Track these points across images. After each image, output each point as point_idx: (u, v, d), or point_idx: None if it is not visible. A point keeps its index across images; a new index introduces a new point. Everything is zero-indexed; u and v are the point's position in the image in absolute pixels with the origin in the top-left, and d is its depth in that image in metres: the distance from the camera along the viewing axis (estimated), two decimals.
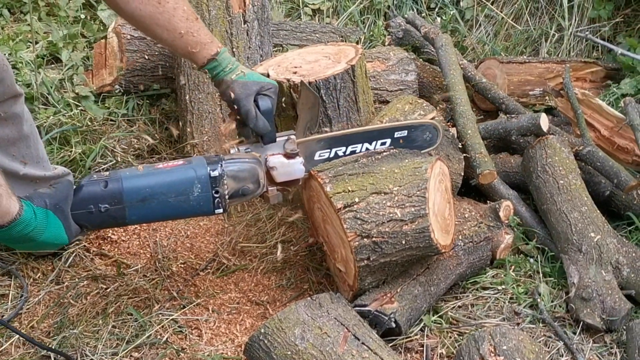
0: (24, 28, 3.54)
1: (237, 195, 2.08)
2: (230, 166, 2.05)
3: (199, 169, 1.99)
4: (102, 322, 2.31)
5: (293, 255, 2.58)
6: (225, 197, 2.03)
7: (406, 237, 2.15)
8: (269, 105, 2.13)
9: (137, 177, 1.97)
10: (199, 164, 2.01)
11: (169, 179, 1.97)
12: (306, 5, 4.15)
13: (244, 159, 2.10)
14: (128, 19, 2.14)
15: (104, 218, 1.92)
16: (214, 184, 2.00)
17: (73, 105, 3.12)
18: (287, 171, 2.19)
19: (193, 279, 2.51)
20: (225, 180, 2.02)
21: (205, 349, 2.23)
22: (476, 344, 2.00)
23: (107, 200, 1.91)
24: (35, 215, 1.79)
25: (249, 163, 2.09)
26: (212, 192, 2.00)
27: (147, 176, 1.97)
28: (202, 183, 1.99)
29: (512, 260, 2.56)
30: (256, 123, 2.12)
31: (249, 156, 2.13)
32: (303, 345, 1.93)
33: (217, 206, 2.02)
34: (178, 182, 1.97)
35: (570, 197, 2.55)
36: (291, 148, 2.19)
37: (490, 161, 2.63)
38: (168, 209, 1.98)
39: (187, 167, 2.01)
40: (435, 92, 3.30)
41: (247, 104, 2.11)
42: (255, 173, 2.10)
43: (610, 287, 2.32)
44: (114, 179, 1.94)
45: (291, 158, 2.19)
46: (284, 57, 2.76)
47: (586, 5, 3.80)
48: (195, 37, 2.10)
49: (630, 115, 2.78)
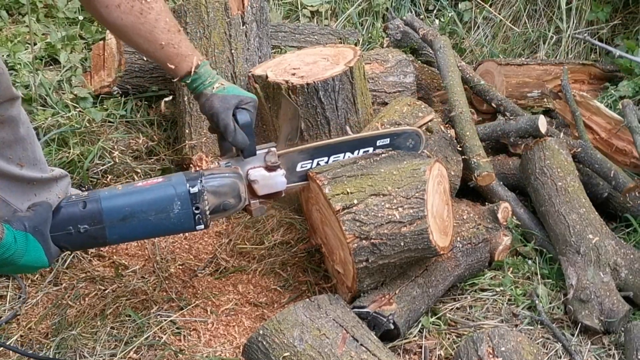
0: (22, 29, 3.54)
1: (218, 211, 2.05)
2: (210, 182, 2.02)
3: (178, 186, 1.98)
4: (101, 323, 2.31)
5: (291, 257, 2.58)
6: (206, 213, 2.00)
7: (405, 238, 2.15)
8: (248, 119, 2.11)
9: (116, 196, 1.95)
10: (178, 181, 1.99)
11: (148, 197, 1.96)
12: (305, 7, 4.15)
13: (224, 174, 2.08)
14: (110, 29, 2.13)
15: (84, 239, 1.91)
16: (194, 201, 1.98)
17: (71, 106, 3.12)
18: (269, 184, 2.17)
19: (191, 281, 2.50)
20: (205, 196, 2.00)
21: (203, 351, 2.23)
22: (474, 345, 2.00)
23: (86, 220, 1.90)
24: (15, 239, 1.77)
25: (229, 177, 2.07)
26: (193, 209, 1.98)
27: (126, 195, 1.96)
28: (181, 200, 1.97)
29: (511, 262, 2.56)
30: (235, 137, 2.09)
31: (229, 170, 2.11)
32: (302, 347, 1.93)
33: (198, 222, 2.00)
34: (158, 200, 1.96)
35: (569, 199, 2.55)
36: (272, 160, 2.16)
37: (488, 163, 2.63)
38: (149, 227, 1.96)
39: (166, 184, 1.99)
40: (434, 94, 3.31)
41: (225, 117, 2.09)
42: (235, 187, 2.08)
43: (608, 288, 2.33)
44: (93, 199, 1.92)
45: (272, 170, 2.17)
46: (283, 59, 2.76)
47: (584, 8, 3.81)
48: (176, 49, 2.09)
49: (628, 118, 2.78)
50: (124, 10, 2.01)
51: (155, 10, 2.04)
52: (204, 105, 2.13)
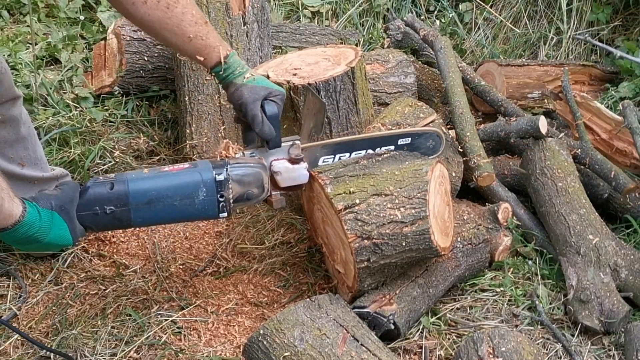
0: (23, 29, 3.54)
1: (241, 200, 2.07)
2: (236, 170, 2.04)
3: (205, 173, 1.99)
4: (101, 322, 2.31)
5: (292, 256, 2.58)
6: (230, 201, 2.02)
7: (406, 238, 2.16)
8: (276, 111, 2.14)
9: (143, 179, 1.96)
10: (205, 168, 2.01)
11: (175, 181, 1.97)
12: (305, 7, 4.15)
13: (249, 164, 2.10)
14: (138, 24, 2.14)
15: (109, 220, 1.92)
16: (219, 188, 2.00)
17: (72, 106, 3.12)
18: (292, 176, 2.19)
19: (192, 280, 2.51)
20: (230, 185, 2.01)
21: (204, 350, 2.23)
22: (475, 345, 2.00)
23: (112, 202, 1.91)
24: (40, 217, 1.79)
25: (253, 167, 2.09)
26: (217, 196, 2.00)
27: (153, 179, 1.97)
28: (207, 187, 1.98)
29: (511, 263, 2.56)
30: (262, 128, 2.11)
31: (254, 161, 2.13)
32: (302, 347, 1.93)
33: (222, 210, 2.02)
34: (184, 185, 1.97)
35: (569, 199, 2.55)
36: (296, 153, 2.19)
37: (488, 163, 2.63)
38: (173, 212, 1.98)
39: (193, 170, 2.01)
40: (435, 94, 3.31)
41: (254, 108, 2.11)
42: (259, 177, 2.09)
43: (608, 289, 2.33)
44: (120, 180, 1.93)
45: (296, 163, 2.19)
46: (284, 59, 2.77)
47: (585, 9, 3.81)
48: (204, 41, 2.11)
49: (629, 119, 2.78)
50: (150, 6, 2.03)
51: (181, 4, 2.05)
52: (233, 94, 2.15)
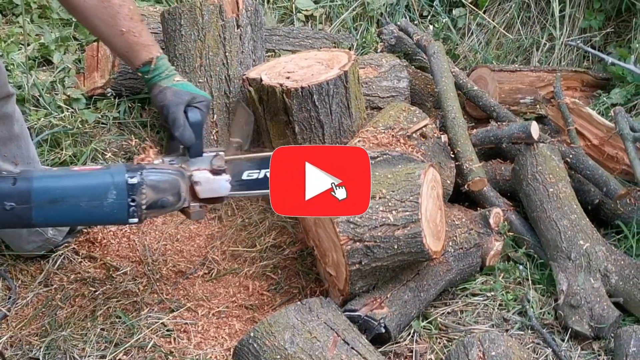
0: (16, 30, 3.53)
1: (155, 207, 1.98)
2: (151, 176, 1.95)
3: (117, 175, 1.90)
4: (91, 324, 2.30)
5: (283, 259, 2.58)
6: (142, 207, 1.93)
7: (398, 241, 2.16)
8: (199, 118, 2.07)
9: (49, 177, 1.89)
10: (118, 171, 1.92)
11: (83, 182, 1.89)
12: (299, 11, 4.16)
13: (167, 170, 2.01)
14: (70, 8, 2.06)
15: (8, 217, 1.83)
16: (130, 192, 1.91)
17: (64, 107, 3.11)
18: (212, 187, 2.10)
19: (182, 283, 2.50)
20: (144, 190, 1.92)
21: (193, 353, 2.22)
22: (465, 349, 2.00)
23: (14, 198, 1.81)
24: None
25: (171, 175, 2.01)
26: (128, 200, 1.91)
27: (60, 177, 1.90)
28: (118, 190, 1.90)
29: (502, 267, 2.56)
30: (182, 132, 2.04)
31: (173, 168, 2.04)
32: (292, 350, 1.93)
33: (132, 215, 1.93)
34: (93, 186, 1.89)
35: (560, 204, 2.56)
36: (218, 164, 2.10)
37: (480, 168, 2.64)
38: (79, 213, 1.89)
39: (105, 172, 1.93)
40: (427, 99, 3.31)
41: (176, 111, 2.04)
42: (176, 185, 2.01)
43: (598, 294, 2.33)
44: (25, 177, 1.85)
45: (217, 174, 2.09)
46: (277, 62, 2.77)
47: (577, 15, 3.83)
48: (137, 38, 2.06)
49: (620, 125, 2.79)
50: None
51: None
52: (157, 97, 2.08)
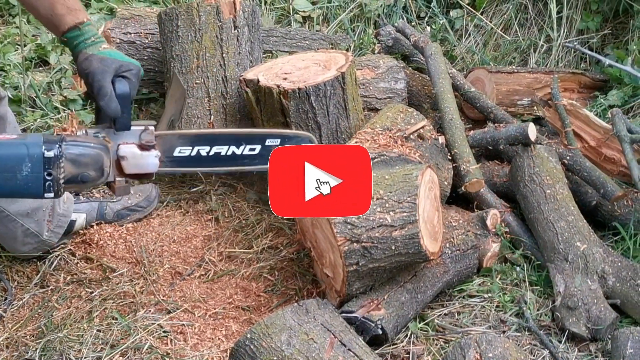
0: (12, 31, 3.53)
1: (75, 181, 1.86)
2: (71, 149, 1.83)
3: (32, 147, 1.77)
4: (87, 326, 2.29)
5: (280, 261, 2.57)
6: (60, 182, 1.83)
7: (396, 242, 2.15)
8: (127, 89, 1.96)
9: None
10: (34, 142, 1.79)
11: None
12: (296, 12, 4.16)
13: (89, 143, 1.88)
14: None
15: None
16: (47, 165, 1.79)
17: (60, 108, 3.10)
18: (139, 163, 1.98)
19: (179, 284, 2.49)
20: (62, 163, 1.80)
21: (190, 354, 2.22)
22: (462, 351, 2.00)
23: None
24: None
25: (93, 148, 1.87)
26: (44, 174, 1.80)
27: None
28: (33, 162, 1.78)
29: (499, 269, 2.56)
30: (108, 103, 1.92)
31: (96, 141, 1.91)
32: (289, 351, 1.92)
33: (48, 190, 1.81)
34: (5, 157, 1.77)
35: (557, 206, 2.56)
36: (147, 139, 1.97)
37: (477, 170, 2.64)
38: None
39: (19, 142, 1.80)
40: (425, 100, 3.31)
41: (101, 79, 1.93)
42: (99, 160, 1.88)
43: (595, 296, 2.33)
44: None
45: (145, 150, 1.97)
46: (274, 63, 2.77)
47: (575, 17, 3.83)
48: (63, 2, 1.97)
49: (617, 126, 2.79)
50: None
51: None
52: (81, 64, 1.97)
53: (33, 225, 2.46)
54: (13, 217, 2.42)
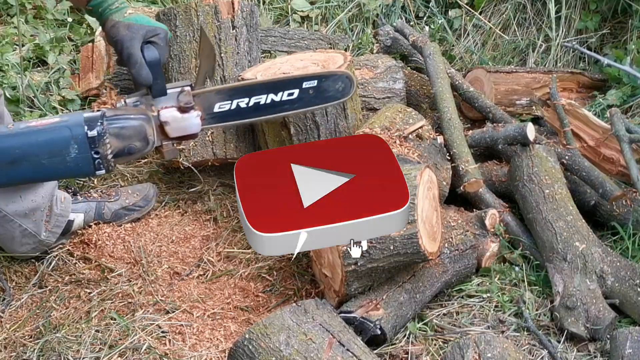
0: (10, 30, 3.52)
1: (122, 154, 1.88)
2: (113, 123, 1.84)
3: (75, 128, 1.78)
4: (85, 326, 2.29)
5: (278, 261, 2.57)
6: (108, 158, 1.83)
7: (394, 242, 2.15)
8: (156, 55, 1.94)
9: (5, 136, 1.78)
10: (75, 122, 1.80)
11: (41, 138, 1.77)
12: (295, 12, 4.15)
13: (130, 115, 1.89)
14: None
15: None
16: (92, 145, 1.80)
17: (59, 108, 3.10)
18: (181, 126, 1.98)
19: (177, 284, 2.49)
20: (107, 140, 1.81)
21: (188, 355, 2.21)
22: (461, 351, 1.99)
23: None
24: None
25: (135, 119, 1.89)
26: (92, 153, 1.81)
27: (17, 136, 1.78)
28: (79, 143, 1.79)
29: (498, 269, 2.56)
30: (138, 71, 1.91)
31: (137, 111, 1.92)
32: (288, 351, 1.92)
33: (99, 167, 1.83)
34: (51, 142, 1.77)
35: (556, 206, 2.56)
36: (185, 101, 1.97)
37: (476, 170, 2.63)
38: (42, 171, 1.80)
39: (62, 125, 1.80)
40: (423, 100, 3.31)
41: (130, 46, 1.91)
42: (142, 130, 1.89)
43: (594, 296, 2.33)
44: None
45: (185, 112, 1.97)
46: (273, 63, 2.76)
47: (573, 17, 3.83)
48: None
49: (616, 126, 2.79)
50: None
51: None
52: (109, 32, 1.95)
53: (31, 225, 2.46)
54: (11, 218, 2.41)
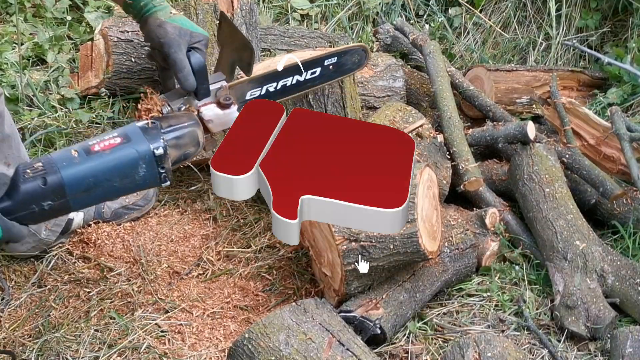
0: (9, 29, 3.51)
1: (179, 161, 1.91)
2: (171, 135, 1.86)
3: (140, 146, 1.80)
4: (84, 325, 2.28)
5: (278, 260, 2.57)
6: (170, 169, 1.87)
7: (394, 242, 2.15)
8: (202, 61, 1.95)
9: (75, 165, 1.77)
10: (138, 140, 1.81)
11: (111, 163, 1.79)
12: (295, 10, 4.15)
13: (182, 123, 1.90)
14: None
15: (48, 214, 1.77)
16: (159, 162, 1.83)
17: (58, 107, 3.09)
18: (223, 122, 2.01)
19: (177, 284, 2.49)
20: (168, 153, 1.84)
21: (188, 354, 2.21)
22: (461, 350, 1.99)
23: (49, 197, 1.74)
24: None
25: (188, 127, 1.90)
26: (159, 169, 1.84)
27: (86, 163, 1.78)
28: (147, 163, 1.82)
29: (498, 268, 2.55)
30: (186, 77, 1.92)
31: (186, 116, 1.93)
32: (287, 351, 1.92)
33: (164, 180, 1.86)
34: (121, 166, 1.79)
35: (556, 205, 2.55)
36: (224, 96, 2.00)
37: (476, 168, 2.63)
38: (114, 192, 1.83)
39: (127, 146, 1.81)
40: (423, 99, 3.31)
41: (177, 51, 1.91)
42: (195, 136, 1.91)
43: (595, 295, 2.33)
44: (51, 172, 1.74)
45: (226, 108, 2.00)
46: (272, 62, 2.75)
47: (574, 15, 3.83)
48: None
49: (617, 125, 2.79)
50: None
51: None
52: (155, 31, 1.92)
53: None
54: None
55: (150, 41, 1.99)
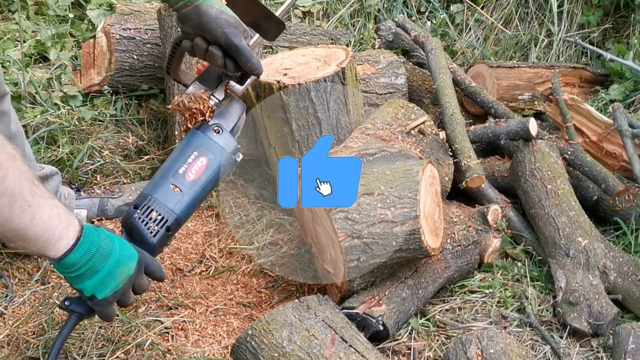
0: (12, 27, 3.51)
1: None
2: (237, 133, 2.03)
3: (224, 159, 1.97)
4: (88, 323, 2.29)
5: (281, 257, 2.57)
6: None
7: (397, 238, 2.15)
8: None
9: (184, 202, 1.91)
10: (219, 153, 1.96)
11: (209, 186, 1.96)
12: (296, 7, 4.14)
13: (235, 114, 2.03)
14: None
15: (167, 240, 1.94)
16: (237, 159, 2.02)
17: (60, 105, 3.10)
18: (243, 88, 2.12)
19: (180, 281, 2.49)
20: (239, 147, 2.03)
21: (191, 351, 2.21)
22: (463, 347, 2.00)
23: (172, 235, 1.93)
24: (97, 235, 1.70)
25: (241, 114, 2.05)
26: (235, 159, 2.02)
27: (190, 195, 1.92)
28: (230, 168, 2.01)
29: (500, 264, 2.56)
30: (255, 64, 1.94)
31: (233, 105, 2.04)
32: (290, 348, 1.92)
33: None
34: (214, 181, 1.96)
35: (558, 201, 2.55)
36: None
37: (478, 165, 2.63)
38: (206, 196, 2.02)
39: (214, 163, 1.95)
40: (425, 95, 3.31)
41: (243, 40, 1.93)
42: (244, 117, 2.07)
43: (597, 291, 2.33)
44: (170, 217, 1.88)
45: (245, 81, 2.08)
46: (274, 59, 2.76)
47: (575, 11, 3.83)
48: None
49: (619, 121, 2.79)
50: None
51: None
52: (215, 20, 1.90)
53: None
54: None
55: (206, 29, 1.93)
